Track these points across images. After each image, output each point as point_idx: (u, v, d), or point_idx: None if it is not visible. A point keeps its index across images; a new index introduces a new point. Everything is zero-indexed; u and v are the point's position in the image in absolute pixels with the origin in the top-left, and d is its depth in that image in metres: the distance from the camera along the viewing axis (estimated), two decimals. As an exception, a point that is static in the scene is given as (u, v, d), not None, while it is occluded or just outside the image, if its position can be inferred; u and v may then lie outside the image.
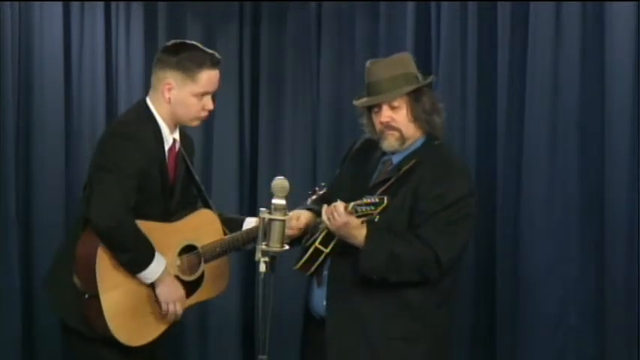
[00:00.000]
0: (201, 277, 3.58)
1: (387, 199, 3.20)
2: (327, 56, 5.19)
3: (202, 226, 3.61)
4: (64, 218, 5.04)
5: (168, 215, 3.55)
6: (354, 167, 3.55)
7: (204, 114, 3.53)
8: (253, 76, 5.36)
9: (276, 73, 5.33)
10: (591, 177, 4.34)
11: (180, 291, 3.50)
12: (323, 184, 3.81)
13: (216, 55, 3.52)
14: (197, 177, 3.70)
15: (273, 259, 3.12)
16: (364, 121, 3.50)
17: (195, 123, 3.56)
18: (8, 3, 4.84)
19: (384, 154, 3.47)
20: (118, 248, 3.38)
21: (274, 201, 3.11)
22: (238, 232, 3.62)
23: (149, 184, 3.46)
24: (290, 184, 3.24)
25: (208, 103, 3.50)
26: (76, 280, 3.44)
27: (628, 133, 4.19)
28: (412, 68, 3.43)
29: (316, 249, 3.38)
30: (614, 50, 4.21)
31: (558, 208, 4.40)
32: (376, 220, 3.24)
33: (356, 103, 3.50)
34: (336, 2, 5.16)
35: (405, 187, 3.33)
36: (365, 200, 3.22)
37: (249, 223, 3.68)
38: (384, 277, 3.28)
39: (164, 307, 3.47)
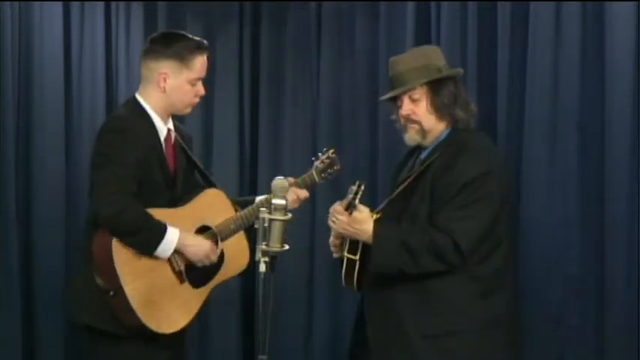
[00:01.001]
0: (221, 256, 3.60)
1: (361, 182, 3.24)
2: (327, 56, 5.19)
3: (212, 206, 3.63)
4: (64, 218, 5.04)
5: (174, 206, 3.56)
6: (396, 175, 3.55)
7: (196, 100, 3.61)
8: (253, 76, 5.36)
9: (276, 73, 5.33)
10: (591, 177, 4.34)
11: (204, 242, 3.53)
12: (325, 149, 3.87)
13: (205, 41, 3.61)
14: (200, 164, 3.73)
15: (273, 259, 3.12)
16: (394, 117, 3.50)
17: (188, 110, 3.63)
18: (8, 3, 4.84)
19: (420, 154, 3.47)
20: (126, 233, 3.38)
21: (274, 201, 3.11)
22: (249, 207, 3.66)
23: (150, 174, 3.48)
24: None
25: (201, 89, 3.59)
26: (98, 280, 3.43)
27: (628, 133, 4.18)
28: (435, 60, 3.41)
29: (348, 260, 3.40)
30: (614, 50, 4.20)
31: (558, 209, 4.40)
32: (356, 203, 3.24)
33: (381, 98, 3.52)
34: (336, 2, 5.16)
35: (425, 179, 3.32)
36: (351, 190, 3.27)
37: (259, 200, 3.73)
38: (401, 268, 3.24)
39: (200, 264, 3.52)
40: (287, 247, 3.14)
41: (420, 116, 3.37)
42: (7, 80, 4.84)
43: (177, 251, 3.48)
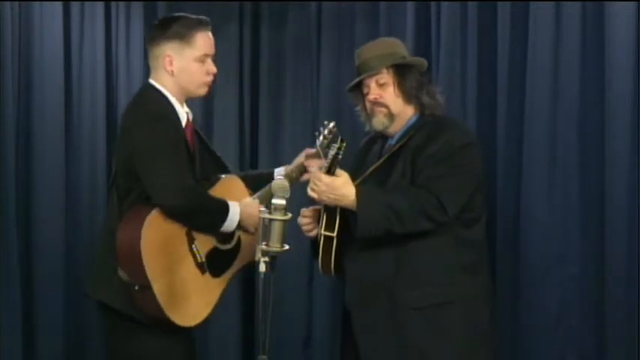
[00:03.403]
0: (238, 243, 3.59)
1: (343, 138, 3.26)
2: (327, 56, 5.19)
3: (229, 193, 3.60)
4: (64, 218, 5.04)
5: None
6: (356, 161, 3.59)
7: (209, 78, 3.54)
8: (253, 76, 5.37)
9: (276, 73, 5.33)
10: (591, 177, 4.34)
11: (255, 205, 3.52)
12: (326, 122, 3.84)
13: (205, 17, 3.56)
14: (212, 147, 3.72)
15: (273, 259, 3.12)
16: (359, 107, 3.57)
17: (203, 91, 3.56)
18: (8, 3, 4.84)
19: (385, 143, 3.51)
20: (200, 216, 3.38)
21: (274, 201, 3.11)
22: (264, 190, 3.62)
23: None
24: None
25: (211, 67, 3.53)
26: (121, 273, 3.37)
27: (628, 133, 4.18)
28: (400, 50, 3.51)
29: (325, 237, 3.37)
30: (614, 50, 4.20)
31: (558, 209, 4.40)
32: (340, 156, 3.25)
33: (347, 87, 3.57)
34: (336, 2, 5.17)
35: (403, 157, 3.36)
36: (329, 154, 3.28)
37: (279, 173, 3.76)
38: (388, 229, 3.24)
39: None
40: (287, 247, 3.15)
41: (388, 100, 3.44)
42: (7, 80, 4.84)
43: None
